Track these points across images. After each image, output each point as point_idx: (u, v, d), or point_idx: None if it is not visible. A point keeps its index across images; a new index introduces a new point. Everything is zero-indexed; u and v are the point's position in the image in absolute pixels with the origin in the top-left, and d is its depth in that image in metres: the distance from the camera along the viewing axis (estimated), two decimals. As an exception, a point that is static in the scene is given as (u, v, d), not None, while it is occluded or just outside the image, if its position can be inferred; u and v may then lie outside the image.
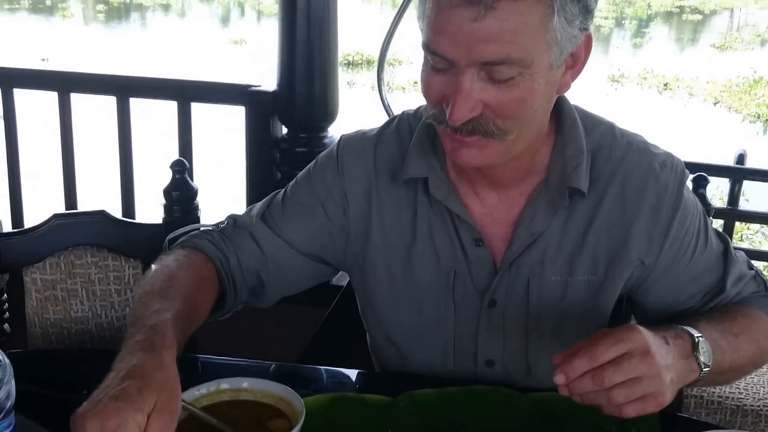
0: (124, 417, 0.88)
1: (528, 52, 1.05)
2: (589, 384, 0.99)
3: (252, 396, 1.20)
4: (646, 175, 1.25)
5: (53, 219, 1.60)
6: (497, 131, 1.11)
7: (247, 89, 2.77)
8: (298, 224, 1.35)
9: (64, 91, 2.96)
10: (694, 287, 1.30)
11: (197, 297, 1.21)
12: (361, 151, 1.35)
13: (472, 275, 1.29)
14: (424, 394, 1.28)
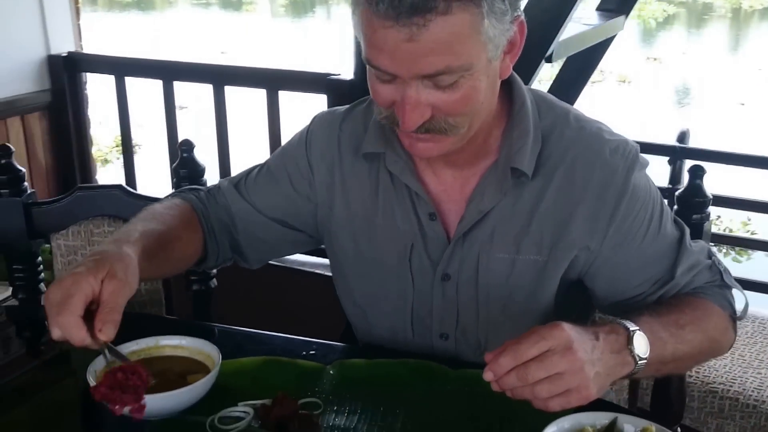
0: (77, 279, 1.05)
1: (465, 58, 1.09)
2: (514, 380, 1.02)
3: (187, 353, 1.29)
4: (594, 159, 1.25)
5: (76, 191, 1.78)
6: (449, 128, 1.16)
7: (327, 78, 2.88)
8: (264, 191, 1.43)
9: (169, 79, 3.26)
10: (642, 274, 1.28)
11: (177, 231, 1.32)
12: (328, 125, 1.41)
13: (428, 248, 1.32)
14: (353, 363, 1.31)
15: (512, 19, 1.12)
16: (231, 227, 1.44)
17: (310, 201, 1.41)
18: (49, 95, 3.65)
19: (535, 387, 1.02)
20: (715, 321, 1.27)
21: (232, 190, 1.45)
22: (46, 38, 3.63)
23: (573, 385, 1.02)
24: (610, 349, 1.08)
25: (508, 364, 1.02)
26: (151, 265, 1.22)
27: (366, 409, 1.20)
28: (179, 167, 1.76)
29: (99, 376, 1.19)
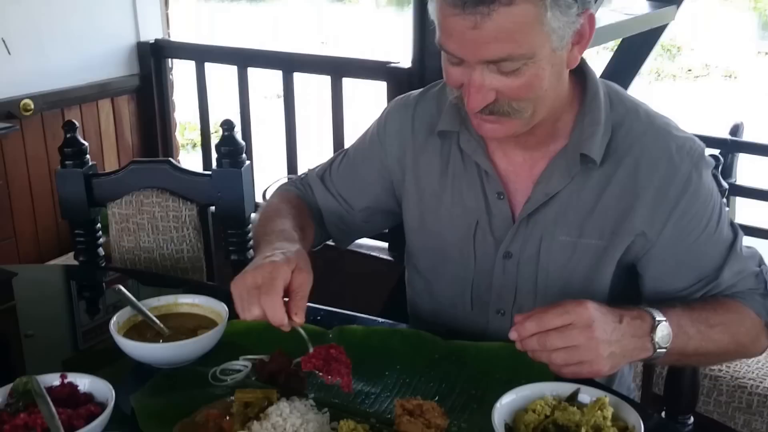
0: (277, 266, 1.16)
1: (527, 47, 1.13)
2: (535, 344, 1.12)
3: (200, 311, 1.42)
4: (660, 154, 1.28)
5: (130, 164, 1.94)
6: (512, 111, 1.21)
7: (386, 66, 2.97)
8: (346, 179, 1.53)
9: (243, 65, 3.42)
10: (690, 270, 1.31)
11: (303, 220, 1.44)
12: (403, 107, 1.49)
13: (492, 226, 1.37)
14: (351, 329, 1.40)
15: (579, 12, 1.15)
16: (319, 215, 1.55)
17: (386, 179, 1.50)
18: (137, 80, 3.89)
19: (552, 354, 1.11)
20: (747, 327, 1.30)
21: (318, 182, 1.55)
22: (136, 26, 3.87)
23: (586, 358, 1.11)
24: (631, 333, 1.15)
25: (532, 329, 1.12)
26: None
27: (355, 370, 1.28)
28: (221, 144, 1.89)
29: (122, 327, 1.33)
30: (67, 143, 1.91)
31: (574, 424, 1.05)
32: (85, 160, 1.93)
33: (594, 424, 1.04)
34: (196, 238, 1.93)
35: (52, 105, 3.49)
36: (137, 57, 3.88)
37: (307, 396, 1.20)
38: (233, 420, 1.10)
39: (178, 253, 1.92)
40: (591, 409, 1.06)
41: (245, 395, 1.15)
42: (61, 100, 3.54)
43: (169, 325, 1.36)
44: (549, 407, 1.09)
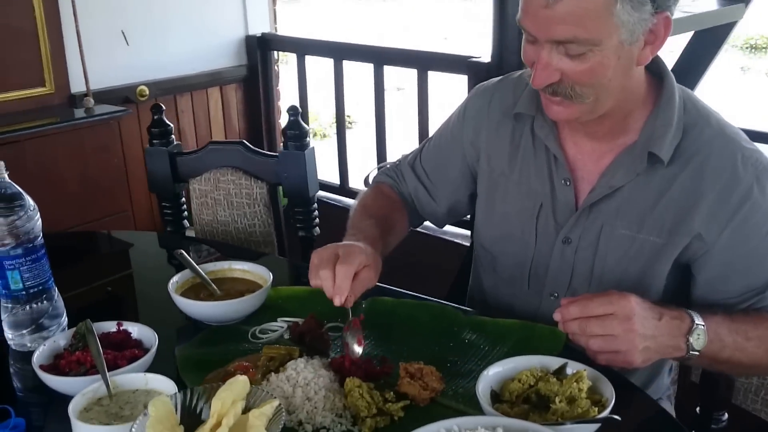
0: (363, 250, 1.30)
1: (594, 33, 1.17)
2: (575, 328, 1.17)
3: (250, 276, 1.57)
4: (726, 162, 1.30)
5: (209, 145, 2.11)
6: (575, 95, 1.25)
7: (467, 60, 3.04)
8: (432, 164, 1.62)
9: (338, 58, 3.58)
10: (742, 279, 1.33)
11: (391, 215, 1.57)
12: (483, 91, 1.56)
13: (555, 210, 1.42)
14: (383, 300, 1.51)
15: (654, 11, 1.19)
16: (412, 201, 1.66)
17: (465, 163, 1.57)
18: (245, 70, 4.13)
19: (590, 339, 1.16)
20: None
21: (408, 169, 1.65)
22: (245, 20, 4.11)
23: (622, 348, 1.15)
24: (668, 332, 1.19)
25: (575, 314, 1.17)
26: (384, 252, 1.46)
27: (378, 336, 1.39)
28: (287, 128, 2.03)
29: (181, 287, 1.50)
30: (154, 124, 2.11)
31: (553, 393, 1.11)
32: (171, 139, 2.12)
33: (569, 394, 1.10)
34: (267, 215, 2.08)
35: (165, 91, 3.77)
36: (245, 49, 4.12)
37: (329, 356, 1.31)
38: (257, 371, 1.23)
39: (250, 227, 2.08)
40: (569, 381, 1.12)
41: (271, 351, 1.28)
42: (174, 87, 3.82)
43: (221, 288, 1.51)
44: (534, 378, 1.15)
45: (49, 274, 1.37)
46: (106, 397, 1.14)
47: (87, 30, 3.32)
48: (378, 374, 1.25)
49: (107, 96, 3.46)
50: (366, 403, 1.14)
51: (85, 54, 3.31)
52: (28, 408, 1.23)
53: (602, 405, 1.09)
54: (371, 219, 1.51)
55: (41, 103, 3.24)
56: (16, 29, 3.12)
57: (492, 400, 1.14)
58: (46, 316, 1.36)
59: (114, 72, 3.53)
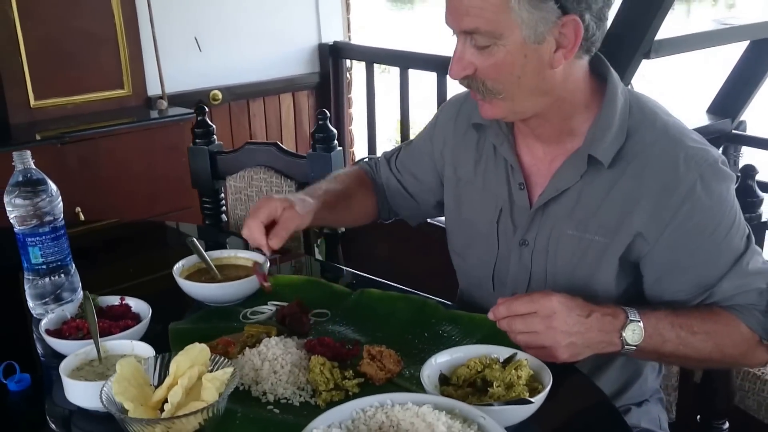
0: (269, 200, 1.46)
1: (494, 26, 1.25)
2: (505, 326, 1.27)
3: (248, 263, 1.70)
4: (667, 163, 1.33)
5: (245, 145, 2.26)
6: (486, 91, 1.33)
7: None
8: (406, 165, 1.74)
9: (404, 67, 3.71)
10: (689, 276, 1.36)
11: (353, 189, 1.71)
12: (453, 103, 1.65)
13: (513, 214, 1.49)
14: (371, 291, 1.60)
15: (559, 16, 1.24)
16: (388, 190, 1.76)
17: (435, 169, 1.68)
18: (317, 77, 4.31)
19: (517, 336, 1.26)
20: (736, 340, 1.34)
21: (385, 164, 1.77)
22: (319, 29, 4.28)
23: (545, 344, 1.23)
24: (598, 327, 1.25)
25: (503, 313, 1.26)
26: (332, 214, 1.62)
27: (360, 323, 1.49)
28: (316, 132, 2.15)
29: (186, 270, 1.64)
30: (197, 125, 2.28)
31: (495, 379, 1.18)
32: (212, 139, 2.29)
33: (509, 381, 1.17)
34: (295, 211, 2.21)
35: (238, 96, 3.98)
36: (318, 57, 4.29)
37: (306, 337, 1.42)
38: (237, 346, 1.35)
39: (278, 223, 2.22)
40: (508, 369, 1.19)
41: (252, 329, 1.40)
42: (247, 93, 4.03)
43: (224, 273, 1.64)
44: (482, 365, 1.23)
45: (67, 251, 1.54)
46: (96, 360, 1.29)
47: (162, 36, 3.56)
48: (345, 355, 1.34)
49: (182, 99, 3.69)
50: (325, 378, 1.24)
51: (161, 59, 3.55)
52: (40, 367, 1.41)
53: (538, 392, 1.15)
54: (329, 182, 1.67)
55: (120, 104, 3.49)
56: (98, 35, 3.39)
57: (441, 383, 1.22)
58: (64, 289, 1.53)
59: (189, 77, 3.76)
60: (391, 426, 1.06)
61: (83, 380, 1.23)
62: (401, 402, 1.09)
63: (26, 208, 1.47)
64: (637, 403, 1.56)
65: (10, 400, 1.29)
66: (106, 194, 3.15)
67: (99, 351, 1.29)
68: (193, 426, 1.08)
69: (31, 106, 3.26)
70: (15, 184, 1.47)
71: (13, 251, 1.53)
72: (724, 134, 2.58)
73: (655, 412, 1.59)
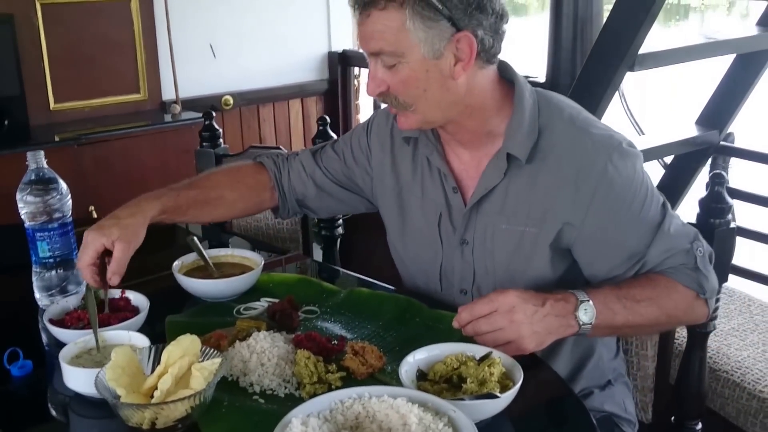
0: (94, 238, 1.45)
1: (395, 47, 1.35)
2: (470, 330, 1.33)
3: (248, 262, 1.75)
4: (578, 151, 1.42)
5: (249, 149, 2.31)
6: (398, 104, 1.43)
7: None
8: (334, 160, 1.77)
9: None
10: (618, 251, 1.44)
11: (222, 191, 1.72)
12: (386, 116, 1.69)
13: (452, 217, 1.56)
14: (359, 291, 1.65)
15: (453, 33, 1.34)
16: (303, 185, 1.77)
17: (368, 173, 1.74)
18: (326, 84, 4.37)
19: (484, 337, 1.31)
20: (676, 299, 1.42)
21: (309, 157, 1.79)
22: (329, 37, 4.34)
23: (510, 338, 1.29)
24: (555, 313, 1.32)
25: (465, 319, 1.32)
26: (185, 216, 1.68)
27: (346, 321, 1.54)
28: (316, 137, 2.20)
29: (185, 267, 1.70)
30: (205, 128, 2.33)
31: (469, 376, 1.23)
32: (219, 143, 2.34)
33: (481, 377, 1.21)
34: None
35: (249, 101, 4.05)
36: (327, 64, 4.35)
37: (294, 332, 1.47)
38: (228, 338, 1.40)
39: (279, 224, 2.27)
40: (482, 366, 1.23)
41: (243, 323, 1.45)
42: (258, 98, 4.09)
43: (221, 271, 1.70)
44: (458, 362, 1.26)
45: (73, 246, 1.59)
46: (95, 349, 1.34)
47: (178, 42, 3.63)
48: (330, 350, 1.39)
49: (195, 104, 3.75)
50: (309, 371, 1.29)
51: (176, 64, 3.62)
52: (43, 355, 1.46)
53: (509, 389, 1.19)
54: (190, 193, 1.68)
55: (135, 108, 3.57)
56: (117, 41, 3.47)
57: (418, 378, 1.26)
58: (69, 282, 1.59)
59: (202, 82, 3.83)
60: (367, 417, 1.10)
61: (81, 367, 1.27)
62: (378, 394, 1.13)
63: (36, 205, 1.53)
64: (600, 386, 1.62)
65: (12, 385, 1.34)
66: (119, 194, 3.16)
67: (97, 340, 1.34)
68: (180, 412, 1.13)
69: (50, 108, 3.34)
70: (28, 182, 1.53)
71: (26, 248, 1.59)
72: (712, 145, 2.62)
73: (619, 396, 1.64)
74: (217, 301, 1.62)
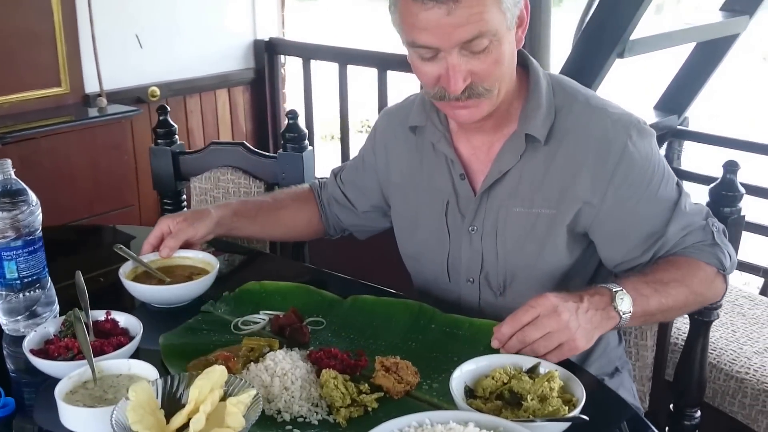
0: (162, 220, 1.55)
1: (492, 24, 1.24)
2: (516, 343, 1.21)
3: (191, 262, 1.60)
4: (597, 130, 1.37)
5: (210, 145, 2.11)
6: (485, 92, 1.31)
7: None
8: (353, 179, 1.71)
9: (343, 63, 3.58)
10: (638, 230, 1.39)
11: (288, 202, 1.71)
12: (387, 114, 1.65)
13: (459, 204, 1.48)
14: (364, 298, 1.49)
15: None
16: (337, 212, 1.73)
17: (379, 180, 1.64)
18: (252, 73, 4.14)
19: (533, 345, 1.19)
20: (701, 277, 1.37)
21: (332, 179, 1.74)
22: (254, 25, 4.11)
23: (563, 339, 1.19)
24: (594, 307, 1.24)
25: (508, 332, 1.21)
26: (253, 224, 1.65)
27: (358, 331, 1.39)
28: (286, 131, 2.03)
29: (131, 273, 1.52)
30: (159, 125, 2.11)
31: (526, 391, 1.10)
32: (174, 140, 2.12)
33: (541, 393, 1.09)
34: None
35: (175, 92, 3.78)
36: (253, 53, 4.12)
37: (308, 348, 1.31)
38: (238, 360, 1.23)
39: (245, 225, 2.08)
40: (540, 380, 1.10)
41: (251, 342, 1.28)
42: (184, 89, 3.82)
43: (173, 274, 1.55)
44: (507, 376, 1.14)
45: (44, 264, 1.37)
46: (91, 381, 1.14)
47: (102, 33, 3.33)
48: (354, 367, 1.24)
49: (120, 96, 3.47)
50: (341, 393, 1.14)
51: (99, 56, 3.32)
52: (19, 389, 1.23)
53: (573, 404, 1.08)
54: (258, 196, 1.71)
55: (57, 102, 3.25)
56: (36, 32, 3.13)
57: (466, 395, 1.13)
58: (39, 304, 1.36)
59: (127, 73, 3.54)
60: (437, 448, 0.97)
61: (81, 405, 1.08)
62: (442, 421, 0.99)
63: (4, 222, 1.30)
64: (609, 373, 1.57)
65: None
66: (48, 194, 2.87)
67: (94, 372, 1.14)
68: (219, 455, 0.96)
69: (-36, 105, 2.98)
70: (-7, 196, 1.30)
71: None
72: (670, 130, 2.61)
73: (627, 383, 1.60)
74: (171, 307, 1.48)
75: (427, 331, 1.39)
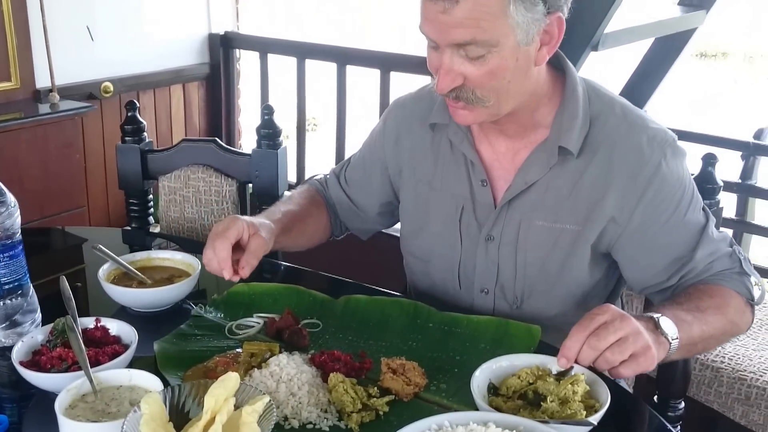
0: (236, 221, 1.30)
1: (491, 35, 1.17)
2: (589, 353, 1.08)
3: (173, 263, 1.57)
4: (632, 145, 1.32)
5: (181, 142, 2.05)
6: (476, 99, 1.25)
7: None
8: (356, 178, 1.62)
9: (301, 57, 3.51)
10: (664, 253, 1.34)
11: (309, 209, 1.58)
12: (400, 105, 1.55)
13: (476, 211, 1.42)
14: (357, 298, 1.47)
15: (547, 12, 1.20)
16: (337, 210, 1.66)
17: (387, 177, 1.57)
18: (207, 68, 4.05)
19: (606, 353, 1.07)
20: (734, 305, 1.32)
21: (334, 180, 1.65)
22: (209, 19, 4.02)
23: (638, 347, 1.08)
24: (644, 328, 1.12)
25: (577, 343, 1.08)
26: (288, 238, 1.46)
27: (355, 332, 1.37)
28: (261, 128, 1.98)
29: (110, 275, 1.48)
30: (127, 121, 2.03)
31: (548, 392, 1.08)
32: (143, 137, 2.05)
33: (563, 395, 1.07)
34: (234, 212, 2.03)
35: (129, 88, 3.66)
36: (208, 47, 4.03)
37: (308, 351, 1.28)
38: (239, 367, 1.19)
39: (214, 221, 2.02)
40: (564, 383, 1.08)
41: (252, 347, 1.24)
42: (137, 84, 3.71)
43: (152, 276, 1.51)
44: (534, 376, 1.13)
45: (25, 270, 1.30)
46: (91, 394, 1.09)
47: (53, 25, 3.20)
48: (359, 370, 1.22)
49: (72, 92, 3.34)
50: (351, 398, 1.12)
51: (51, 49, 3.19)
52: (4, 404, 1.17)
53: (595, 410, 1.06)
54: (285, 204, 1.54)
55: (7, 98, 3.11)
56: (-18, 24, 2.99)
57: (489, 392, 1.13)
58: (21, 312, 1.30)
59: (79, 68, 3.42)
60: (459, 451, 0.95)
61: (83, 420, 1.03)
62: (462, 423, 0.98)
63: (-20, 224, 1.22)
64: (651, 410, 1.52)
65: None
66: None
67: (94, 384, 1.09)
68: (238, 467, 0.93)
69: None
70: (-34, 198, 1.22)
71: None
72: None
73: None
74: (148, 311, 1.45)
75: (426, 330, 1.37)
